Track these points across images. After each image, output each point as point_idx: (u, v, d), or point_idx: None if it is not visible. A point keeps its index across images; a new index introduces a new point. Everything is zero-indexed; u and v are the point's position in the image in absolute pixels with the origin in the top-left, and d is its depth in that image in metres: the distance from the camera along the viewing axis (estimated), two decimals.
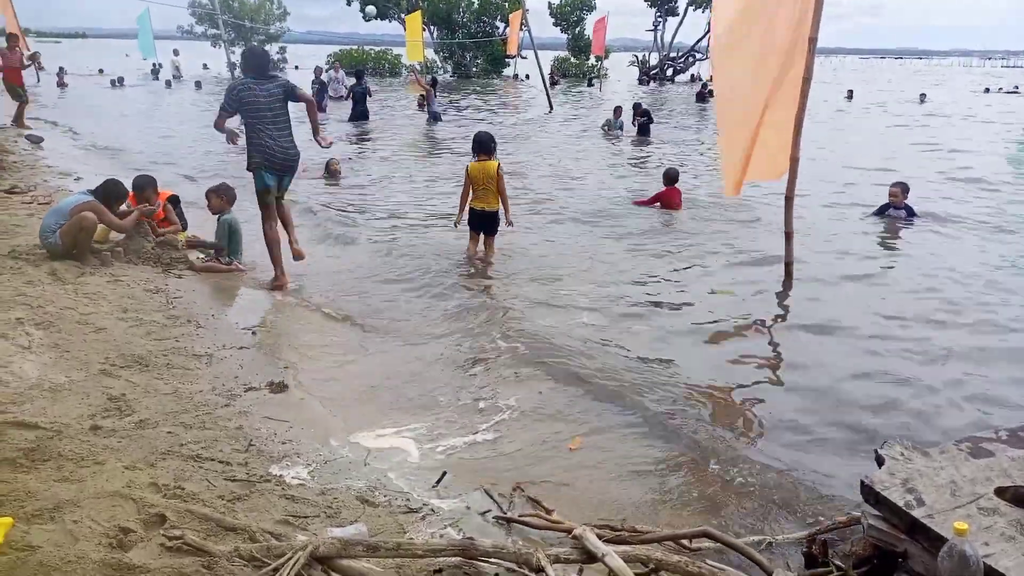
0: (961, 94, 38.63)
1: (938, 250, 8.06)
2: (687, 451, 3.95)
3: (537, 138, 17.69)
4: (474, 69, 48.56)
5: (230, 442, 3.66)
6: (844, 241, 8.32)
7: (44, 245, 6.26)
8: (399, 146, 16.14)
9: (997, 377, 4.85)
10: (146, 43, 25.18)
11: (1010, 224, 9.14)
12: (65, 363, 4.29)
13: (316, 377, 4.74)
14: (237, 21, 43.51)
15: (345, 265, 7.38)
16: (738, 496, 3.53)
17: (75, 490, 2.91)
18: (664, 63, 49.47)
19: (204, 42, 48.12)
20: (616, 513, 3.34)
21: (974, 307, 6.15)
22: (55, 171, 11.12)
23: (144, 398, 3.99)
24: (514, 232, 7.75)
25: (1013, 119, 23.54)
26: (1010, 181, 12.38)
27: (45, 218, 6.40)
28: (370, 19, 43.09)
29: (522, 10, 28.77)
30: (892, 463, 2.90)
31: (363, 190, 11.27)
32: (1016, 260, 7.58)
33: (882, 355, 5.19)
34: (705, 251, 7.94)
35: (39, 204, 8.44)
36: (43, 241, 6.25)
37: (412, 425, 4.16)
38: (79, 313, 5.13)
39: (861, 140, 17.84)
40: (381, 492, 3.37)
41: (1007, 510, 2.62)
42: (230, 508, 3.02)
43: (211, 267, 6.84)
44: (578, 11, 50.05)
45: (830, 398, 4.57)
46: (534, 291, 6.52)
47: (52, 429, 3.41)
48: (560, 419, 4.26)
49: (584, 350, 5.20)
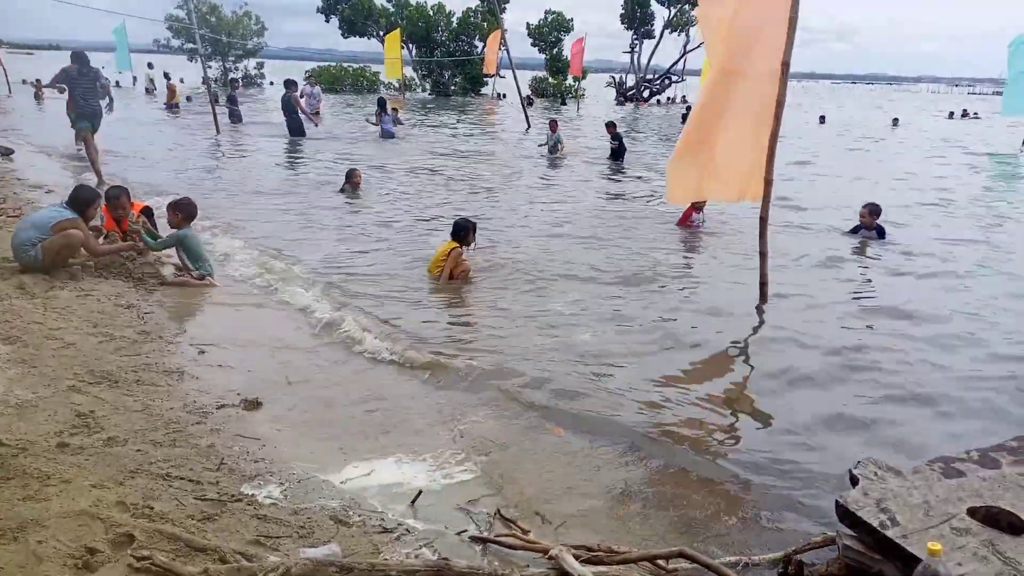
0: (926, 118, 39.56)
1: (908, 269, 8.21)
2: (663, 471, 3.94)
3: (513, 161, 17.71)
4: (452, 87, 48.83)
5: (201, 460, 3.59)
6: (816, 261, 8.44)
7: (20, 259, 6.15)
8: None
9: (968, 397, 4.91)
10: (123, 56, 24.98)
11: (979, 250, 9.34)
12: (32, 379, 4.20)
13: (291, 395, 4.68)
14: (214, 36, 43.30)
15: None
16: (714, 516, 3.53)
17: (40, 509, 2.84)
18: (641, 85, 50.14)
19: (181, 56, 47.77)
20: (592, 533, 3.32)
21: (945, 326, 6.25)
22: (26, 184, 10.96)
23: (113, 415, 3.91)
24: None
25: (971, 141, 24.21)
26: (981, 200, 12.69)
27: (19, 231, 6.29)
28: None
29: (500, 30, 29.11)
30: (866, 483, 2.92)
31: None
32: (988, 284, 7.73)
33: (856, 374, 5.24)
34: (681, 268, 8.01)
35: (8, 217, 8.30)
36: (19, 255, 6.15)
37: (388, 444, 4.11)
38: (47, 328, 5.03)
39: (835, 163, 18.16)
40: (355, 512, 3.33)
41: (979, 530, 2.64)
42: (200, 528, 2.96)
43: (183, 281, 6.76)
44: (556, 32, 50.65)
45: (804, 417, 4.59)
46: (514, 304, 6.51)
47: (17, 446, 3.33)
48: (535, 438, 4.24)
49: (553, 367, 5.19)
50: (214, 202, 10.57)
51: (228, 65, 48.88)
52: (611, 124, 18.63)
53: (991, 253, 9.12)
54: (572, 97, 42.86)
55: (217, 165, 14.82)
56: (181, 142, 17.88)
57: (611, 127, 18.34)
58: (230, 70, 48.72)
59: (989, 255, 8.99)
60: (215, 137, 19.02)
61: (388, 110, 21.88)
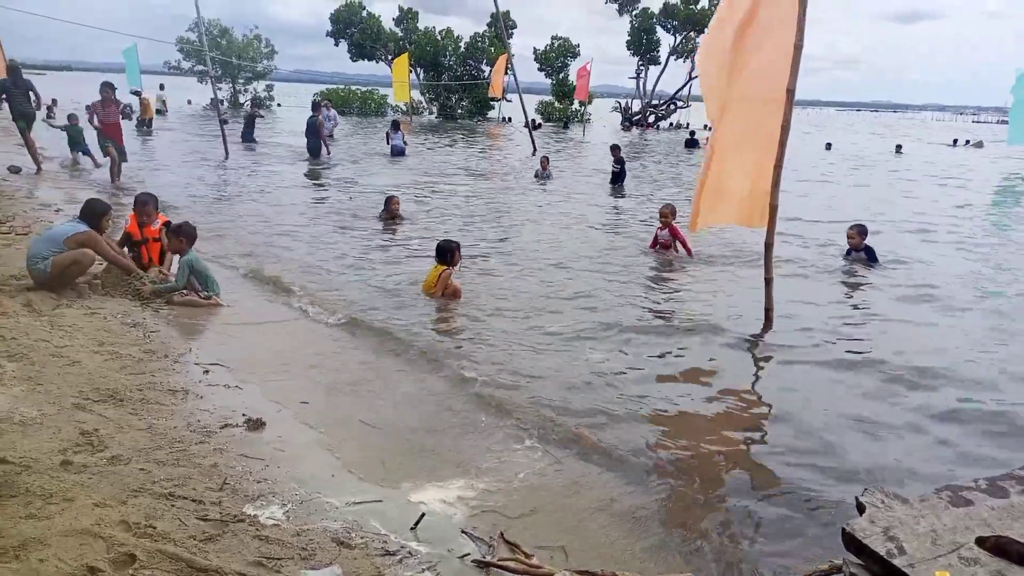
0: (932, 147, 39.66)
1: (901, 294, 8.21)
2: (667, 495, 3.92)
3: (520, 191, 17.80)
4: (459, 111, 49.17)
5: (204, 480, 3.58)
6: (813, 285, 8.46)
7: (31, 270, 6.24)
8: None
9: (975, 424, 4.88)
10: (133, 77, 25.28)
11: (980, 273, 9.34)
12: (37, 396, 4.21)
13: (295, 415, 4.67)
14: (224, 58, 43.77)
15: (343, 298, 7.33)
16: (719, 542, 3.50)
17: (42, 527, 2.83)
18: (646, 110, 50.46)
19: (191, 77, 48.26)
20: (596, 557, 3.29)
21: (945, 354, 6.23)
22: (35, 201, 11.05)
23: (117, 433, 3.91)
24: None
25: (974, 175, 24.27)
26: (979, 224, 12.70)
27: (34, 244, 6.39)
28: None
29: (507, 54, 29.34)
30: (873, 511, 2.90)
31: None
32: (990, 309, 7.72)
33: (861, 401, 5.21)
34: (685, 292, 8.01)
35: (17, 234, 8.36)
36: (31, 266, 6.23)
37: (393, 466, 4.10)
38: (54, 346, 5.05)
39: (840, 190, 18.21)
40: (358, 534, 3.31)
41: (987, 560, 2.61)
42: (202, 548, 2.95)
43: (190, 301, 6.77)
44: (562, 57, 51.03)
45: (809, 443, 4.57)
46: (511, 326, 6.51)
47: (21, 464, 3.33)
48: (539, 460, 4.22)
49: (556, 388, 5.18)
50: (251, 231, 10.41)
51: (238, 87, 49.37)
52: (616, 147, 18.85)
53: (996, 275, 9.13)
54: (578, 122, 43.05)
55: (239, 191, 14.51)
56: (200, 175, 16.56)
57: (616, 150, 18.54)
58: (239, 92, 49.21)
59: (993, 277, 9.01)
60: (223, 162, 18.97)
61: (400, 129, 22.82)
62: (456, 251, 7.64)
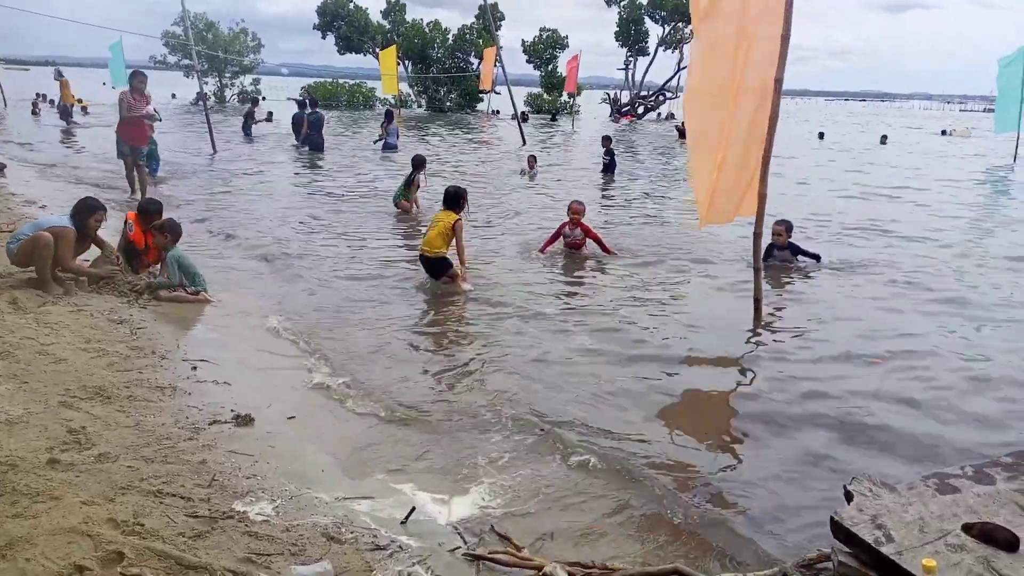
0: (921, 135, 39.80)
1: (851, 291, 8.00)
2: (657, 487, 3.93)
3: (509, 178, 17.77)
4: (448, 103, 49.02)
5: (193, 477, 3.56)
6: (798, 279, 8.46)
7: (6, 249, 6.39)
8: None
9: (960, 413, 4.92)
10: (118, 72, 24.98)
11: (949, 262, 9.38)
12: (24, 394, 4.17)
13: (283, 410, 4.65)
14: (211, 52, 43.42)
15: (323, 299, 7.29)
16: (709, 532, 3.51)
17: (29, 526, 2.81)
18: (635, 101, 50.45)
19: (177, 72, 47.80)
20: (586, 550, 3.30)
21: (926, 340, 6.26)
22: (20, 199, 10.94)
23: (105, 431, 3.88)
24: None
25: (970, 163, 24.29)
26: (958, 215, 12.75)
27: (19, 230, 6.61)
28: None
29: (496, 47, 29.26)
30: (860, 499, 2.92)
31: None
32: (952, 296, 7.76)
33: (849, 391, 5.24)
34: (677, 286, 8.03)
35: (1, 232, 8.28)
36: (7, 246, 6.38)
37: (382, 461, 4.09)
38: (39, 343, 5.01)
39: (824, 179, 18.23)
40: (348, 529, 3.30)
41: (974, 546, 2.64)
42: (191, 545, 2.93)
43: (177, 297, 6.73)
44: (551, 49, 50.95)
45: (798, 433, 4.59)
46: (503, 322, 6.50)
47: (7, 463, 3.30)
48: (531, 461, 4.23)
49: (546, 390, 5.17)
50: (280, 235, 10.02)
51: (224, 81, 48.95)
52: (607, 138, 19.09)
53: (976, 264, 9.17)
54: (567, 113, 42.98)
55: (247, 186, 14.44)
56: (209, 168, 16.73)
57: (607, 141, 18.73)
58: (226, 86, 48.83)
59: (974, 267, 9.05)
60: (211, 155, 18.87)
61: (393, 122, 22.79)
62: (464, 197, 7.74)
